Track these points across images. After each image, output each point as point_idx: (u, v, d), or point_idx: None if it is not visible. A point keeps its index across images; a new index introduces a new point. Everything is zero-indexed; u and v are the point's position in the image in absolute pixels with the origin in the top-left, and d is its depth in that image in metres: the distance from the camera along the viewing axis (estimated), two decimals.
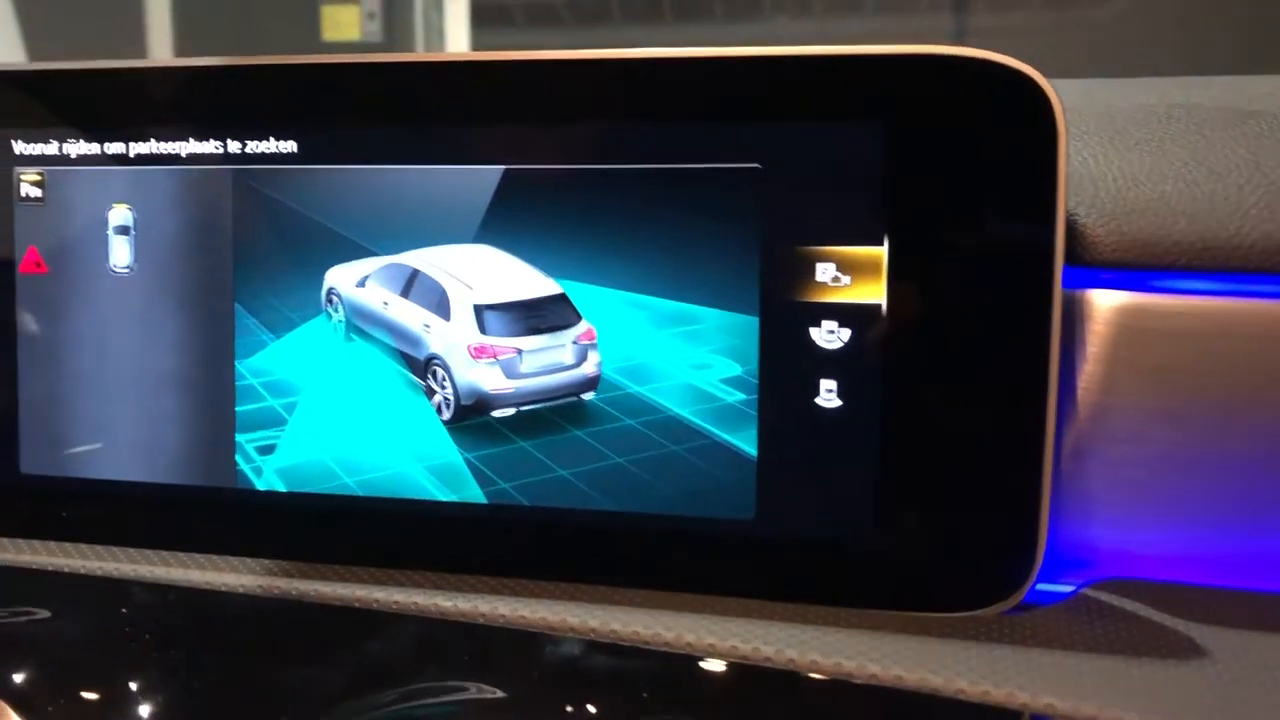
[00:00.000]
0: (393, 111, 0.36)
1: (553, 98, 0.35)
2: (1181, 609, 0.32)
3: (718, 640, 0.31)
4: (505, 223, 0.36)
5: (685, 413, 0.35)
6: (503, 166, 0.35)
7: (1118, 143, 0.36)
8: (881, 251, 0.33)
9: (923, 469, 0.33)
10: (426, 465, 0.37)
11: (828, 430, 0.33)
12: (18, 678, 0.32)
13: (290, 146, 0.37)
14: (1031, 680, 0.29)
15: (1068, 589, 0.35)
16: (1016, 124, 0.32)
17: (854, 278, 0.33)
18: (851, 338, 0.33)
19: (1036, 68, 0.31)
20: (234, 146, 0.37)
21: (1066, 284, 0.32)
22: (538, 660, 0.32)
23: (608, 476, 0.35)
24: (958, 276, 0.32)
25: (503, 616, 0.33)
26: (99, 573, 0.36)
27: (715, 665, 0.31)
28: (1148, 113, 0.37)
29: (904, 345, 0.33)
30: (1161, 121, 0.36)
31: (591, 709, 0.30)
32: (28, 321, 0.39)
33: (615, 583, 0.35)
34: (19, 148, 0.39)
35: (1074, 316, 0.33)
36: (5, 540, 0.39)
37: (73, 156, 0.38)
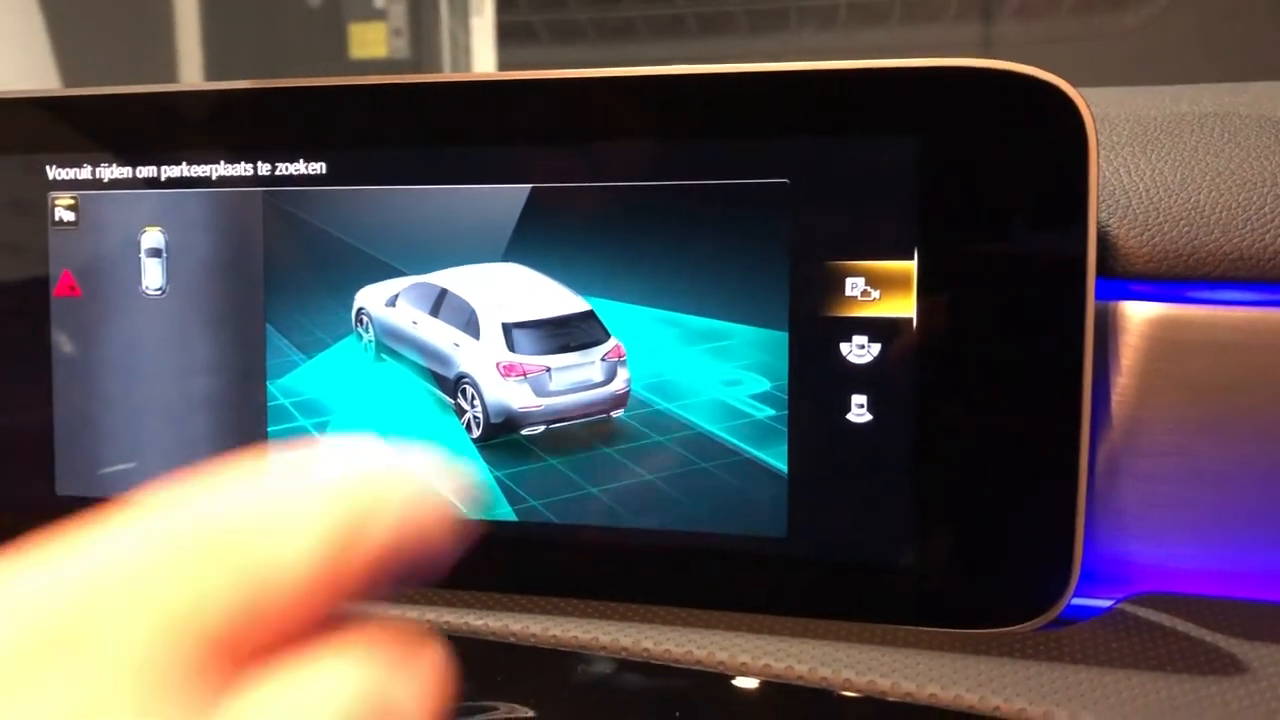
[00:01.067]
0: (421, 131, 0.36)
1: (580, 116, 0.35)
2: (1220, 624, 0.32)
3: (750, 658, 0.31)
4: (533, 241, 0.36)
5: (715, 429, 0.35)
6: (530, 185, 0.35)
7: (1149, 152, 0.35)
8: (911, 265, 0.33)
9: (955, 484, 0.33)
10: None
11: (859, 446, 0.33)
12: None
13: (319, 168, 0.37)
14: (1069, 698, 0.29)
15: (1104, 604, 0.34)
16: (1046, 135, 0.31)
17: (884, 292, 0.33)
18: (882, 352, 0.33)
19: (1065, 77, 0.31)
20: (264, 168, 0.37)
21: (1099, 296, 0.32)
22: (569, 679, 0.32)
23: (637, 494, 0.35)
24: (989, 289, 0.32)
25: (534, 635, 0.33)
26: None
27: (748, 683, 0.31)
28: (1179, 121, 0.37)
29: (935, 360, 0.32)
30: (1194, 130, 0.36)
31: None
32: (62, 344, 0.40)
33: (646, 600, 0.35)
34: (53, 172, 0.39)
35: (1107, 329, 0.33)
36: None
37: (105, 180, 0.39)
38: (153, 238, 0.39)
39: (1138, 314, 0.33)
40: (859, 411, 0.33)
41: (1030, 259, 0.32)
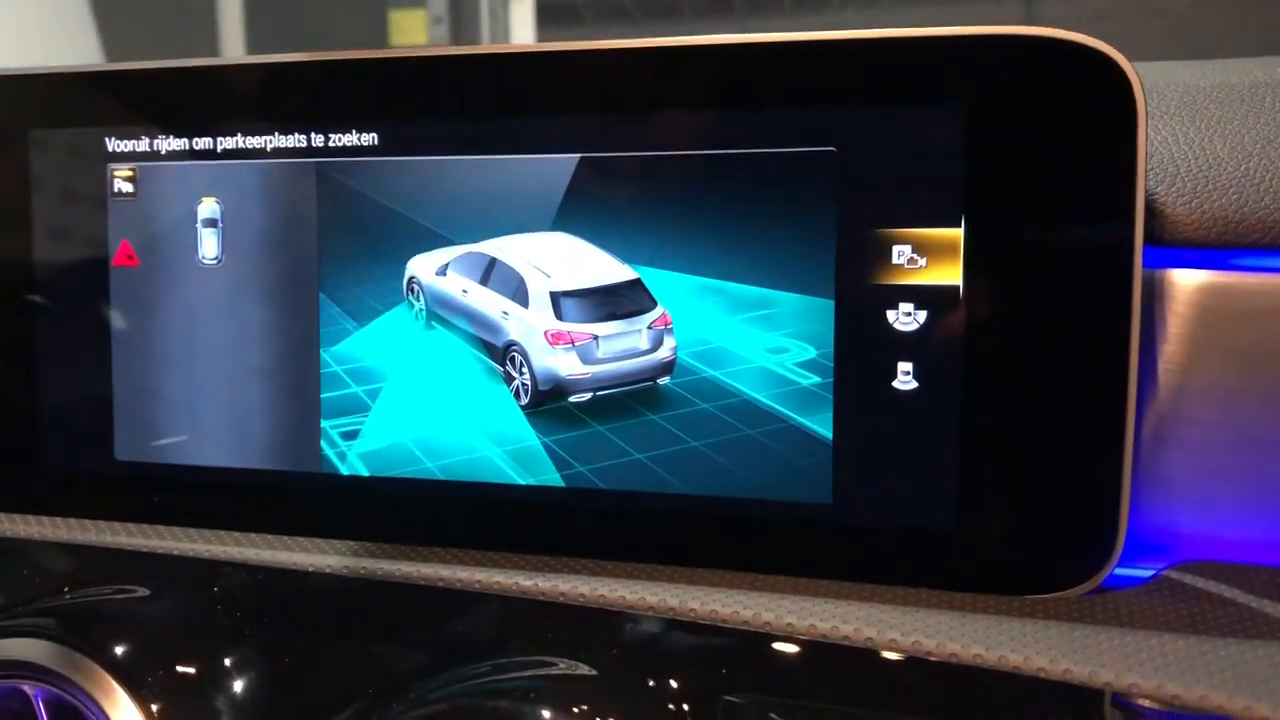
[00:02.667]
0: (470, 103, 0.37)
1: (628, 86, 0.36)
2: (1266, 590, 0.32)
3: (796, 619, 0.32)
4: (581, 210, 0.36)
5: (760, 396, 0.35)
6: (579, 155, 0.36)
7: (1198, 122, 0.35)
8: (958, 233, 0.33)
9: (1001, 452, 0.33)
10: (505, 449, 0.37)
11: (905, 413, 0.33)
12: (119, 650, 0.34)
13: (371, 139, 0.38)
14: (1114, 659, 0.29)
15: (1148, 573, 0.34)
16: (1094, 102, 0.31)
17: (930, 259, 0.33)
18: (928, 320, 0.33)
19: None
20: (317, 140, 0.38)
21: (1147, 264, 0.32)
22: (618, 638, 0.32)
23: (683, 460, 0.36)
24: (1036, 257, 0.32)
25: (582, 595, 0.34)
26: (191, 554, 0.38)
27: (793, 644, 0.31)
28: (1229, 92, 0.37)
29: (981, 327, 0.33)
30: (1244, 100, 0.36)
31: (672, 685, 0.31)
32: (120, 313, 0.41)
33: (691, 564, 0.35)
34: (112, 145, 0.40)
35: (1154, 296, 0.33)
36: (103, 524, 0.40)
37: (163, 152, 0.40)
38: (209, 208, 0.39)
39: (1185, 281, 0.33)
40: (905, 379, 0.33)
41: (1078, 227, 0.32)
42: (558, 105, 0.36)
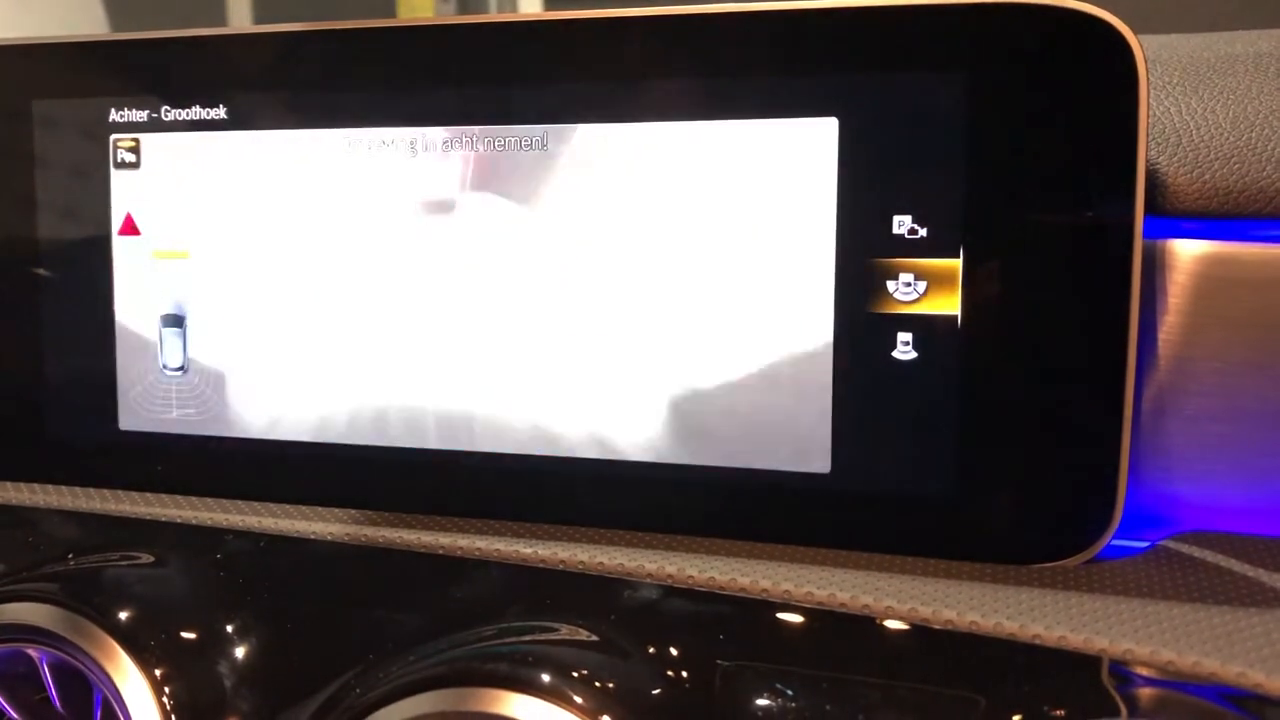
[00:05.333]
0: (460, 73, 0.37)
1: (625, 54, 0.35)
2: (1262, 560, 0.32)
3: (793, 586, 0.32)
4: None
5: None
6: (576, 126, 0.36)
7: (1201, 92, 0.35)
8: (958, 202, 0.33)
9: (1000, 421, 0.33)
10: None
11: (904, 383, 0.34)
12: (123, 615, 0.34)
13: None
14: (1109, 626, 0.29)
15: (1146, 544, 0.34)
16: (1095, 71, 0.31)
17: (931, 229, 0.33)
18: (928, 289, 0.33)
19: None
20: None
21: (1148, 234, 0.32)
22: (617, 604, 0.33)
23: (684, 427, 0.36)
24: (1036, 226, 0.32)
25: (582, 563, 0.34)
26: (194, 522, 0.38)
27: (791, 611, 0.32)
28: (1232, 62, 0.36)
29: (981, 296, 0.33)
30: (1247, 71, 0.36)
31: (671, 651, 0.31)
32: (125, 283, 0.41)
33: (690, 533, 0.35)
34: (114, 115, 0.40)
35: (1155, 266, 0.33)
36: (107, 492, 0.40)
37: (166, 122, 0.40)
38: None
39: (1186, 251, 0.33)
40: (904, 349, 0.33)
41: (1079, 195, 0.32)
42: (553, 75, 0.36)
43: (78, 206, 0.41)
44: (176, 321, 0.40)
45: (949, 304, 0.33)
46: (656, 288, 0.35)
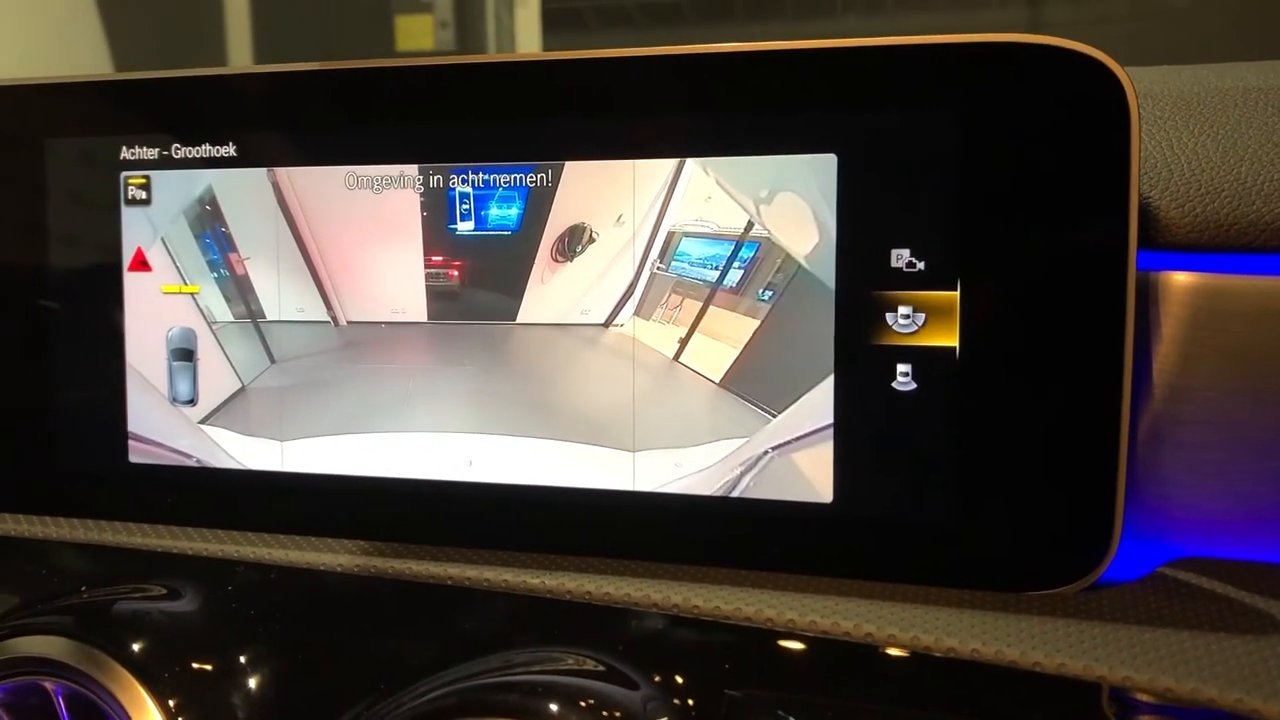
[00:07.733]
0: (470, 111, 0.37)
1: (619, 92, 0.36)
2: (1258, 586, 0.32)
3: (797, 615, 0.32)
4: None
5: None
6: (565, 162, 0.37)
7: (1192, 126, 0.36)
8: (955, 236, 0.33)
9: (999, 451, 0.33)
10: None
11: (904, 413, 0.34)
12: (136, 647, 0.35)
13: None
14: (1108, 653, 0.30)
15: (1144, 570, 0.35)
16: (1088, 107, 0.32)
17: (928, 262, 0.34)
18: (926, 321, 0.34)
19: (1114, 58, 0.32)
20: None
21: (1141, 266, 0.33)
22: (623, 634, 0.33)
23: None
24: (1032, 258, 0.33)
25: (588, 593, 0.34)
26: (205, 554, 0.38)
27: (795, 640, 0.32)
28: (1223, 96, 0.37)
29: (979, 328, 0.33)
30: (1237, 105, 0.37)
31: (677, 679, 0.31)
32: (135, 318, 0.41)
33: (695, 562, 0.36)
34: (126, 153, 0.41)
35: (1149, 298, 0.34)
36: (119, 524, 0.41)
37: (177, 159, 0.40)
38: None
39: (1179, 283, 0.33)
40: (904, 380, 0.34)
41: (1073, 229, 0.32)
42: (548, 111, 0.37)
43: (89, 242, 0.42)
44: (186, 355, 0.41)
45: (948, 335, 0.34)
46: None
